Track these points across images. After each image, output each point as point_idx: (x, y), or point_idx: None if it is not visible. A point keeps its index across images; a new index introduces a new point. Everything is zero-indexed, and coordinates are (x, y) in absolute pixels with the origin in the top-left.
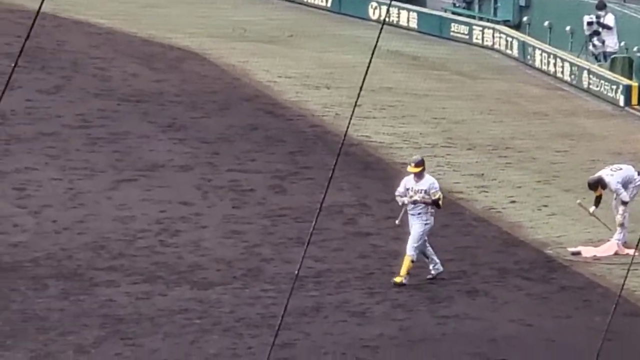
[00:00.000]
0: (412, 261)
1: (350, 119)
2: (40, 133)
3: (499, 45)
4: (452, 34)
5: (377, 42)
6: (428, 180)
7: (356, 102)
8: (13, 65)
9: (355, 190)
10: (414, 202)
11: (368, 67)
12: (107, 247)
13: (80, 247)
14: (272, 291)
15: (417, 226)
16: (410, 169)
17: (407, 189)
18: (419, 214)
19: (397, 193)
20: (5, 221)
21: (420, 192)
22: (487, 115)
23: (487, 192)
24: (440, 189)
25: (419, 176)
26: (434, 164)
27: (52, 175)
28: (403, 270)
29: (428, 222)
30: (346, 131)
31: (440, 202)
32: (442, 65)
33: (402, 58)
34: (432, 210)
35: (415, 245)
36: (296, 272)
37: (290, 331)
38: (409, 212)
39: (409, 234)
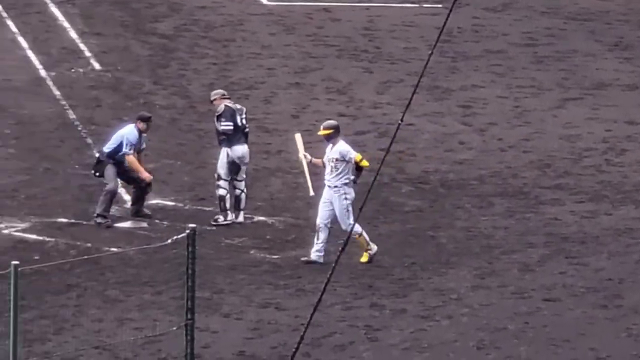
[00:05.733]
0: (360, 235)
1: None
2: (487, 51)
3: None
4: None
5: None
6: (340, 147)
7: None
8: None
9: None
10: (330, 171)
11: None
12: (553, 165)
13: (526, 165)
14: None
15: (337, 203)
16: (320, 132)
17: (329, 158)
18: (336, 187)
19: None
20: (451, 139)
21: (332, 161)
22: None
23: None
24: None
25: (332, 142)
26: None
27: (498, 93)
28: (364, 249)
29: (347, 194)
30: None
31: (363, 162)
32: None
33: None
34: (349, 182)
35: (348, 222)
36: None
37: None
38: (326, 183)
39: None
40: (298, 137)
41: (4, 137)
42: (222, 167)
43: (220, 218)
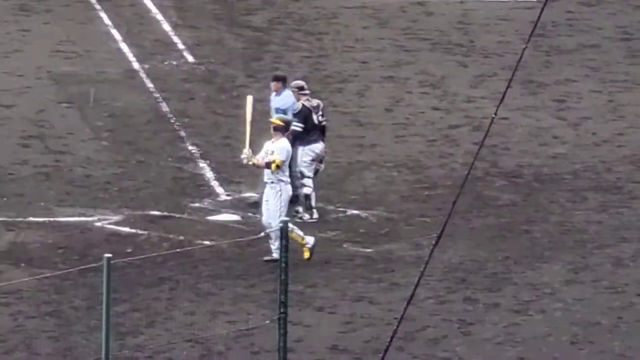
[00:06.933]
0: (291, 231)
1: None
2: (581, 45)
3: None
4: None
5: None
6: (279, 144)
7: None
8: None
9: None
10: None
11: None
12: None
13: (620, 159)
14: None
15: (271, 199)
16: (272, 119)
17: (267, 151)
18: (272, 182)
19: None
20: (545, 133)
21: (271, 154)
22: None
23: None
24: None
25: (276, 137)
26: None
27: (592, 87)
28: (300, 245)
29: (281, 191)
30: None
31: (273, 165)
32: None
33: None
34: (286, 179)
35: (277, 221)
36: None
37: None
38: (264, 178)
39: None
40: (250, 100)
41: (97, 129)
42: (303, 166)
43: (306, 216)
